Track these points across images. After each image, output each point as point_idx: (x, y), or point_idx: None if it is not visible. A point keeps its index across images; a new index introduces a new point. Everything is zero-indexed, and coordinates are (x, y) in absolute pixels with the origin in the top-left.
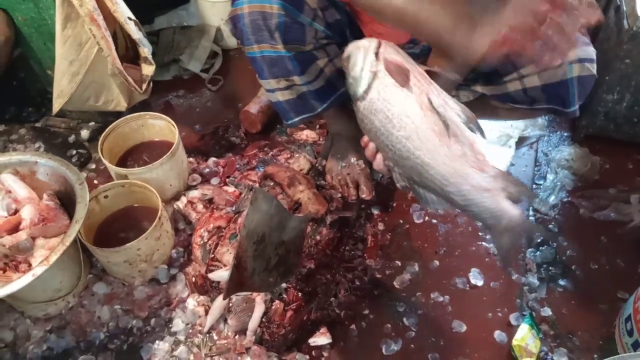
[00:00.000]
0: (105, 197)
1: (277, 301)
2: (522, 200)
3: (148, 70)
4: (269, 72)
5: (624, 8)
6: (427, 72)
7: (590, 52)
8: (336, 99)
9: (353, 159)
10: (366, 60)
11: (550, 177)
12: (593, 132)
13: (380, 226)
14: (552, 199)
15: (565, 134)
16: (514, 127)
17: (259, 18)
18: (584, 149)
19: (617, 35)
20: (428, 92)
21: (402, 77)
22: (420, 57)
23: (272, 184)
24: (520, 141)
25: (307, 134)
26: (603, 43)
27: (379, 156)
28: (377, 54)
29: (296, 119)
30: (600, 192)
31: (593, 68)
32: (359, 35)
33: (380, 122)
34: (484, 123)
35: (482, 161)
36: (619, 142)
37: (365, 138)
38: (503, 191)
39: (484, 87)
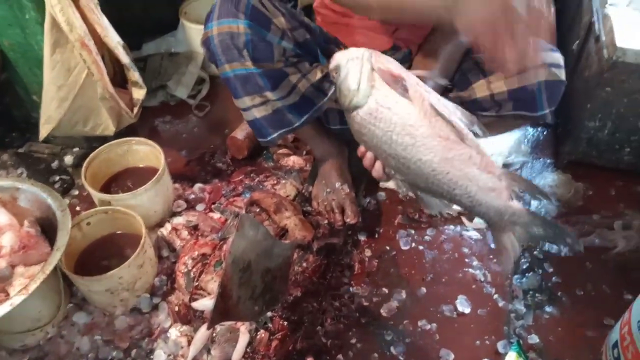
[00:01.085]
0: (88, 224)
1: (262, 330)
2: (526, 196)
3: (139, 94)
4: (242, 90)
5: (603, 38)
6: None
7: (557, 57)
8: (314, 112)
9: (337, 184)
10: (363, 70)
11: (534, 203)
12: (576, 159)
13: (367, 253)
14: None
15: (549, 161)
16: (498, 154)
17: (227, 38)
18: (567, 175)
19: (598, 64)
20: (428, 98)
21: (399, 85)
22: (403, 63)
23: (258, 210)
24: (504, 167)
25: (294, 160)
26: (584, 71)
27: (378, 164)
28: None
29: (275, 135)
30: (584, 218)
31: (561, 74)
32: (331, 53)
33: (382, 131)
34: None
35: (488, 163)
36: (602, 169)
37: (362, 148)
38: (507, 189)
39: (453, 93)
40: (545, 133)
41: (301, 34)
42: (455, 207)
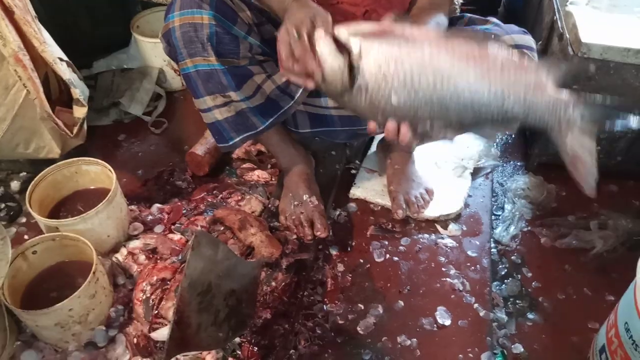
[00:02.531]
0: (34, 252)
1: (230, 359)
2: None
3: (80, 112)
4: (204, 88)
5: (567, 35)
6: None
7: (528, 39)
8: (280, 116)
9: (305, 196)
10: (328, 43)
11: (508, 207)
12: (546, 160)
13: (340, 267)
14: (512, 230)
15: (519, 164)
16: (469, 159)
17: (190, 30)
18: (539, 177)
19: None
20: (424, 28)
21: (388, 34)
22: None
23: (222, 228)
24: (475, 172)
25: (259, 174)
26: None
27: (405, 129)
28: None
29: (237, 139)
30: (559, 220)
31: (534, 57)
32: None
33: (401, 86)
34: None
35: (519, 58)
36: None
37: (372, 124)
38: (550, 80)
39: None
40: (513, 136)
41: (268, 30)
42: (427, 213)
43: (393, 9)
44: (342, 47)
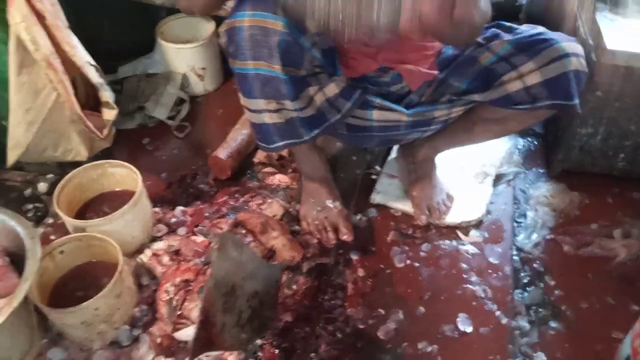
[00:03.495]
0: (61, 252)
1: None
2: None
3: (110, 114)
4: (261, 92)
5: (590, 42)
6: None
7: (579, 48)
8: (325, 128)
9: (328, 202)
10: None
11: (530, 214)
12: (569, 167)
13: (361, 272)
14: (534, 237)
15: (541, 170)
16: (490, 165)
17: (260, 33)
18: (562, 184)
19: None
20: None
21: None
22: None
23: (244, 231)
24: (497, 178)
25: (280, 179)
26: None
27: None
28: None
29: (280, 144)
30: (582, 228)
31: (585, 65)
32: (347, 64)
33: None
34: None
35: None
36: (597, 176)
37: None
38: None
39: (481, 95)
40: (536, 143)
41: (326, 41)
42: (449, 220)
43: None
44: None
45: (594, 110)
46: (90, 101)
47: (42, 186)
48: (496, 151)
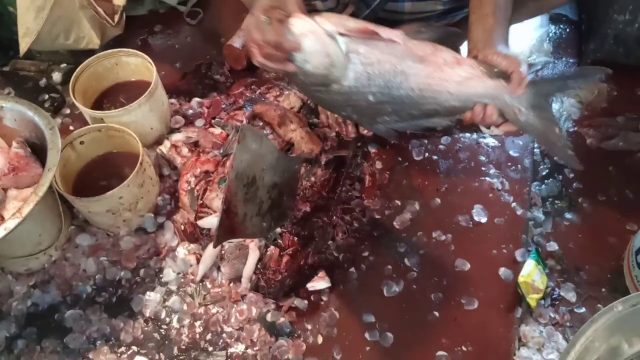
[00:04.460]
0: (81, 143)
1: (272, 247)
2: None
3: (119, 0)
4: None
5: None
6: None
7: None
8: None
9: None
10: (325, 39)
11: (555, 106)
12: (601, 58)
13: (378, 165)
14: None
15: (572, 60)
16: (519, 53)
17: None
18: None
19: None
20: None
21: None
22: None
23: (261, 123)
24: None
25: None
26: None
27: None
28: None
29: None
30: (608, 120)
31: None
32: None
33: (380, 86)
34: None
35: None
36: (629, 68)
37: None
38: (483, 72)
39: None
40: (568, 30)
41: None
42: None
43: None
44: None
45: None
46: None
47: (57, 76)
48: (526, 39)
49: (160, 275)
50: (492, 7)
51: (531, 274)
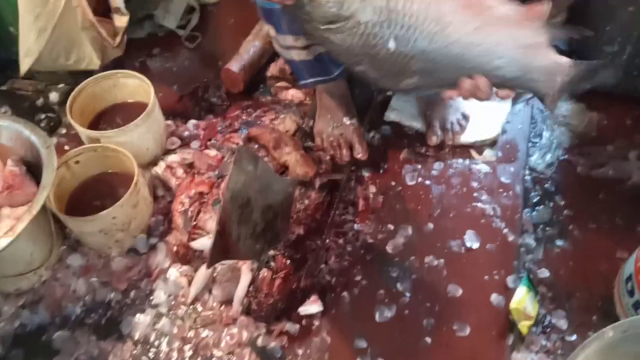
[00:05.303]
0: (77, 162)
1: (264, 269)
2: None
3: (121, 21)
4: (289, 28)
5: None
6: None
7: None
8: None
9: (345, 119)
10: None
11: (546, 134)
12: (590, 87)
13: (372, 189)
14: (548, 157)
15: None
16: None
17: None
18: (581, 104)
19: None
20: None
21: None
22: None
23: (257, 146)
24: (516, 97)
25: (293, 94)
26: None
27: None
28: None
29: (309, 80)
30: (597, 149)
31: None
32: None
33: (404, 29)
34: None
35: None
36: (618, 97)
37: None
38: (549, 42)
39: None
40: None
41: None
42: (463, 139)
43: None
44: None
45: (623, 27)
46: (100, 7)
47: (54, 96)
48: None
49: (151, 297)
50: None
51: (523, 300)
